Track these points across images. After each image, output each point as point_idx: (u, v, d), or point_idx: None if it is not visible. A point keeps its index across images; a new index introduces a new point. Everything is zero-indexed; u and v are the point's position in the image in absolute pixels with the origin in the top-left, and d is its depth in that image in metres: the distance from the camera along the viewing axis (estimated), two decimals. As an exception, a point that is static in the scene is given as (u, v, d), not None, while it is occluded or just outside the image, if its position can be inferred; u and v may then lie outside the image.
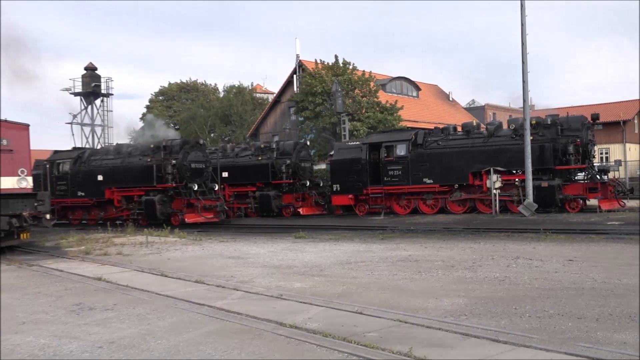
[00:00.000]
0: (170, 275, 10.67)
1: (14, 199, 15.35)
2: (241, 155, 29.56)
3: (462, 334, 6.09)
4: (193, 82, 64.86)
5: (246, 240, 17.06)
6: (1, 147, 15.34)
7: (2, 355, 5.69)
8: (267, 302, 7.97)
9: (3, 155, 15.39)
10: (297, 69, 43.11)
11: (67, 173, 28.13)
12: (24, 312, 7.90)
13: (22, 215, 15.28)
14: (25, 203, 15.47)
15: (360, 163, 25.72)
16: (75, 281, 10.52)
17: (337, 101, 32.71)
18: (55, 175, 28.22)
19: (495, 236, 15.72)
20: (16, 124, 16.00)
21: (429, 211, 24.20)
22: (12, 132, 15.70)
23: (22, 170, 15.70)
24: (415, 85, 49.30)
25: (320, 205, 28.51)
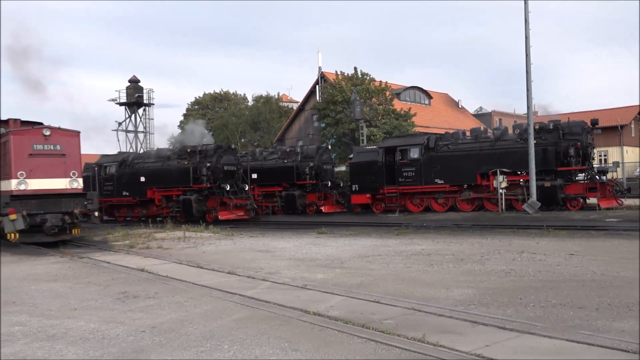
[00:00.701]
0: (205, 267, 10.73)
1: (66, 198, 15.58)
2: (269, 159, 29.64)
3: (471, 321, 6.04)
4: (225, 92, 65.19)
5: (273, 236, 17.09)
6: (56, 151, 15.59)
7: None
8: (292, 292, 7.98)
9: (57, 159, 15.60)
10: (319, 80, 43.13)
11: (114, 175, 28.45)
12: (76, 300, 8.01)
13: (73, 213, 15.50)
14: (77, 202, 15.67)
15: (377, 165, 25.66)
16: (121, 272, 10.63)
17: (356, 109, 32.68)
18: (102, 176, 28.56)
19: (501, 232, 15.56)
20: (68, 131, 16.17)
21: (440, 209, 24.05)
22: (65, 138, 15.89)
23: (74, 173, 15.86)
24: (427, 94, 49.02)
25: (340, 204, 28.46)
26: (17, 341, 5.86)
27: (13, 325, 6.53)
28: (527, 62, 21.36)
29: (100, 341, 5.77)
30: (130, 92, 46.06)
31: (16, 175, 15.05)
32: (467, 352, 4.99)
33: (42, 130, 15.57)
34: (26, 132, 15.73)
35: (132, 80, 46.58)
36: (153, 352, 5.34)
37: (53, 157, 15.53)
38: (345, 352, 5.13)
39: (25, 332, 6.23)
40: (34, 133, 15.57)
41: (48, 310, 7.36)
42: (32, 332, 6.23)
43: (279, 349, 5.29)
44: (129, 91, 46.12)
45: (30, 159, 15.26)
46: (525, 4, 21.23)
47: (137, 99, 45.90)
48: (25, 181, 15.14)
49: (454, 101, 54.42)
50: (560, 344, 5.19)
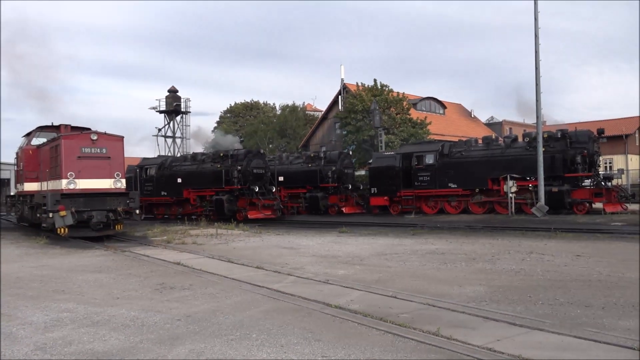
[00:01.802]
0: (236, 261, 10.77)
1: (110, 197, 15.73)
2: (294, 163, 29.69)
3: (483, 317, 5.94)
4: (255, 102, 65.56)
5: (298, 234, 17.08)
6: (102, 154, 15.80)
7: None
8: (315, 286, 7.95)
9: (103, 161, 15.80)
10: (341, 91, 43.10)
11: (153, 176, 28.77)
12: (118, 289, 8.09)
13: (117, 210, 15.64)
14: (120, 200, 15.81)
15: (395, 170, 25.52)
16: (159, 265, 10.71)
17: (375, 117, 32.58)
18: (143, 178, 28.91)
19: (511, 233, 15.32)
20: (113, 136, 16.32)
21: (453, 211, 23.80)
22: (110, 142, 16.04)
23: (118, 174, 16.01)
24: (442, 104, 48.64)
25: (360, 205, 28.37)
26: (65, 326, 5.95)
27: (62, 312, 6.63)
28: (536, 75, 21.05)
29: (139, 328, 5.82)
30: (169, 101, 46.58)
31: (66, 175, 15.30)
32: (479, 346, 4.91)
33: (89, 135, 15.78)
34: (75, 136, 15.98)
35: (171, 90, 47.11)
36: (187, 339, 5.36)
37: (99, 160, 15.73)
38: (364, 343, 5.09)
39: (73, 318, 6.32)
40: (83, 137, 15.80)
41: (93, 298, 7.45)
42: (78, 318, 6.31)
43: (303, 338, 5.27)
44: (168, 100, 46.64)
45: (79, 160, 15.48)
46: (535, 21, 20.94)
47: (175, 107, 46.40)
48: (74, 181, 15.38)
49: (467, 111, 53.89)
50: (568, 340, 5.08)
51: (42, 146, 17.97)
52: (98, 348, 5.13)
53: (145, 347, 5.13)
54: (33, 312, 6.66)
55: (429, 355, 4.73)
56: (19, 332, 5.76)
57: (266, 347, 5.02)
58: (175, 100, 46.60)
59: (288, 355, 4.79)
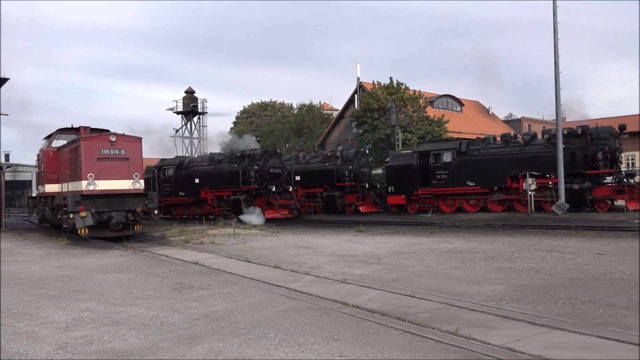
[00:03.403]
0: (253, 261, 10.81)
1: (129, 198, 15.87)
2: (311, 162, 29.72)
3: (503, 316, 5.88)
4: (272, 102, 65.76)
5: (315, 233, 17.09)
6: (120, 156, 15.97)
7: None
8: (333, 285, 7.95)
9: (122, 162, 15.96)
10: (357, 90, 43.01)
11: (171, 177, 29.02)
12: (137, 289, 8.17)
13: (135, 211, 15.77)
14: (138, 201, 15.94)
15: (412, 168, 25.40)
16: (177, 264, 10.80)
17: (392, 116, 32.47)
18: (161, 178, 29.20)
19: (530, 232, 15.14)
20: (131, 137, 16.48)
21: (471, 210, 23.60)
22: (129, 143, 16.18)
23: (136, 175, 16.14)
24: (459, 101, 48.24)
25: (377, 204, 28.30)
26: (85, 325, 6.03)
27: (83, 311, 6.72)
28: (555, 71, 20.76)
29: (159, 327, 5.88)
30: (186, 102, 47.01)
31: (86, 176, 15.49)
32: (499, 346, 4.85)
33: (108, 137, 15.95)
34: (95, 138, 16.17)
35: (188, 91, 47.51)
36: (206, 338, 5.40)
37: (118, 161, 15.90)
38: (383, 343, 5.07)
39: (93, 317, 6.40)
40: (102, 139, 15.98)
41: (113, 298, 7.54)
42: (99, 317, 6.39)
43: (321, 338, 5.27)
44: (185, 101, 47.07)
45: (98, 162, 15.67)
46: (554, 16, 20.64)
47: (192, 108, 46.80)
48: (94, 182, 15.57)
49: (485, 108, 53.36)
50: (590, 340, 4.99)
51: (62, 148, 18.23)
52: (118, 347, 5.19)
53: (165, 347, 5.18)
54: (55, 311, 6.77)
55: (447, 355, 4.70)
56: (41, 331, 5.85)
57: (284, 347, 5.03)
58: (192, 101, 47.01)
59: (306, 355, 4.80)
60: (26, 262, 11.70)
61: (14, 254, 13.22)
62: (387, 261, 10.34)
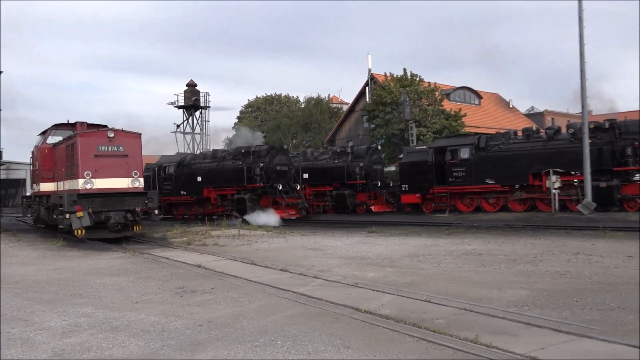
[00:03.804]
0: (259, 263, 10.82)
1: (128, 197, 15.96)
2: (320, 159, 29.72)
3: (525, 323, 5.84)
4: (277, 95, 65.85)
5: (324, 234, 17.10)
6: (119, 152, 16.04)
7: (119, 330, 5.92)
8: (344, 289, 7.94)
9: (120, 159, 16.03)
10: (369, 82, 42.95)
11: (172, 175, 29.14)
12: (137, 293, 8.22)
13: (135, 211, 15.85)
14: (138, 200, 16.02)
15: (427, 165, 25.31)
16: (179, 267, 10.85)
17: (405, 110, 32.37)
18: (162, 176, 29.31)
19: (554, 233, 15.04)
20: (130, 133, 16.54)
21: (491, 209, 23.48)
22: (128, 140, 16.26)
23: (135, 172, 16.21)
24: (477, 94, 48.03)
25: (390, 204, 28.25)
26: (83, 332, 6.07)
27: (80, 317, 6.76)
28: (581, 61, 20.58)
29: (160, 334, 5.90)
30: (187, 96, 47.20)
31: (83, 175, 15.59)
32: (521, 355, 4.82)
33: (106, 133, 16.04)
34: (92, 134, 16.28)
35: (189, 84, 47.67)
36: (209, 345, 5.41)
37: (116, 158, 15.97)
38: (397, 351, 5.05)
39: (91, 323, 6.44)
40: (99, 135, 16.08)
41: (112, 302, 7.58)
42: (97, 323, 6.43)
43: (331, 345, 5.27)
44: (187, 95, 47.25)
45: (96, 159, 15.75)
46: (579, 3, 20.46)
47: (194, 102, 46.95)
48: (91, 180, 15.66)
49: (505, 101, 53.10)
50: (620, 349, 4.95)
51: (58, 145, 18.37)
52: (117, 354, 5.22)
53: (166, 354, 5.20)
54: (50, 316, 6.82)
55: (466, 364, 4.67)
56: (36, 337, 5.89)
57: (292, 354, 5.04)
58: (194, 95, 47.16)
59: (315, 363, 4.79)
60: (20, 264, 11.80)
61: (8, 255, 13.34)
62: (401, 264, 10.32)
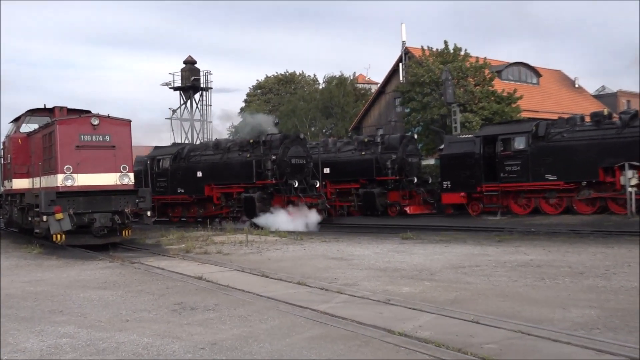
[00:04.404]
0: (272, 276, 10.89)
1: (116, 196, 16.14)
2: (343, 150, 29.74)
3: (596, 349, 5.78)
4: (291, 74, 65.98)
5: (349, 241, 17.12)
6: (105, 143, 16.17)
7: (107, 353, 6.00)
8: (373, 307, 7.95)
9: (106, 151, 16.19)
10: (402, 57, 42.80)
11: (167, 169, 29.39)
12: (128, 310, 8.31)
13: (124, 212, 16.02)
14: (127, 199, 16.18)
15: (474, 158, 25.17)
16: (176, 280, 10.95)
17: (447, 91, 32.17)
18: (155, 171, 29.63)
19: (631, 240, 14.84)
20: (119, 119, 16.68)
21: (552, 211, 23.28)
22: (115, 128, 16.39)
23: (124, 167, 16.37)
24: (535, 71, 47.57)
25: (428, 204, 28.17)
26: (64, 355, 6.16)
27: (61, 337, 6.87)
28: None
29: (154, 358, 5.96)
30: (185, 75, 47.34)
31: (62, 169, 15.77)
32: (591, 388, 4.78)
33: (90, 119, 16.18)
34: (73, 121, 16.46)
35: (187, 61, 47.87)
36: (213, 372, 5.46)
37: (102, 149, 16.13)
38: (439, 382, 5.04)
39: (74, 345, 6.53)
40: (82, 122, 16.24)
41: (97, 321, 7.69)
42: (80, 345, 6.52)
43: (359, 374, 5.28)
44: (184, 74, 47.41)
45: (78, 151, 15.93)
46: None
47: (193, 82, 47.13)
48: (72, 176, 15.84)
49: (569, 79, 52.53)
50: None
51: (33, 134, 18.63)
52: (105, 382, 5.29)
53: (162, 382, 5.25)
54: (26, 337, 6.93)
55: (523, 398, 4.65)
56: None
57: (312, 385, 5.06)
58: (193, 74, 47.34)
59: (340, 395, 4.81)
60: (-9, 275, 12.01)
61: (-24, 265, 13.59)
62: (442, 277, 10.30)
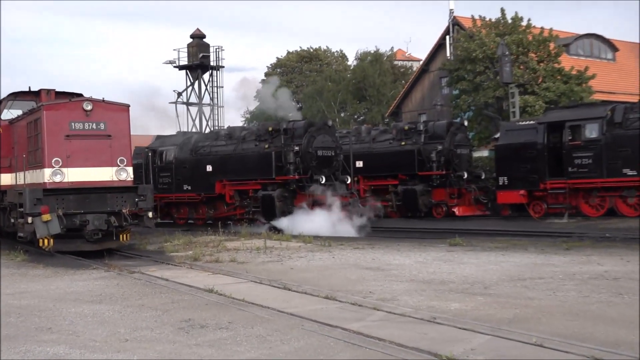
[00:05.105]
0: (295, 288, 10.89)
1: (112, 194, 16.25)
2: (379, 140, 29.66)
3: (685, 379, 5.70)
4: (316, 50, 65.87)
5: (387, 247, 17.06)
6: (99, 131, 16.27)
7: None
8: (416, 327, 7.92)
9: (101, 141, 16.31)
10: (450, 29, 42.57)
11: (171, 163, 29.53)
12: (127, 328, 8.37)
13: (121, 213, 16.11)
14: (125, 198, 16.28)
15: (536, 148, 24.93)
16: (183, 293, 11.01)
17: (504, 69, 31.91)
18: (157, 165, 29.73)
19: None
20: (115, 104, 16.87)
21: (631, 213, 22.98)
22: (111, 114, 16.53)
23: (122, 160, 16.52)
24: (611, 44, 46.97)
25: (481, 204, 28.01)
26: (54, 379, 6.25)
27: (50, 358, 6.96)
28: None
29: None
30: (192, 52, 47.42)
31: (50, 163, 15.95)
32: None
33: (81, 104, 16.32)
34: (62, 106, 16.63)
35: (194, 35, 47.97)
36: (228, 402, 5.49)
37: (96, 139, 16.28)
38: (495, 416, 5.02)
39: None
40: (72, 107, 16.39)
41: (92, 340, 7.76)
42: (72, 368, 6.61)
43: (400, 406, 5.27)
44: (191, 50, 47.51)
45: (68, 141, 16.09)
46: None
47: (201, 60, 47.21)
48: (61, 171, 16.00)
49: (652, 54, 51.73)
50: None
51: (16, 121, 18.87)
52: (101, 412, 5.35)
53: (168, 413, 5.30)
54: (9, 357, 7.03)
55: None
56: (-9, 386, 6.11)
57: (344, 418, 5.07)
58: (202, 51, 47.39)
59: None
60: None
61: (-49, 274, 13.81)
62: (498, 291, 10.24)
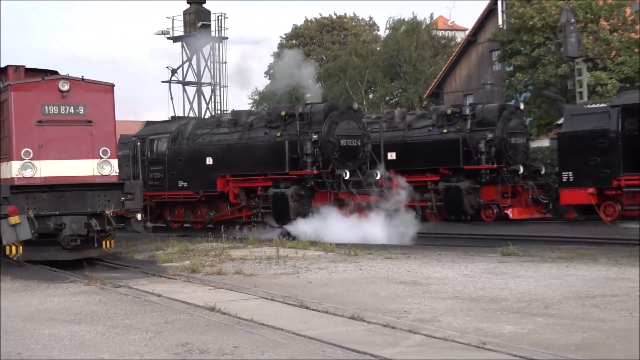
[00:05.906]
0: (313, 307, 10.86)
1: (93, 192, 16.29)
2: (416, 127, 29.58)
3: None
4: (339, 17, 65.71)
5: (425, 257, 17.03)
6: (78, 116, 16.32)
7: None
8: (461, 353, 7.92)
9: (79, 128, 16.37)
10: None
11: (164, 154, 29.44)
12: (111, 354, 8.37)
13: (104, 215, 16.19)
14: (109, 197, 16.33)
15: (608, 137, 24.80)
16: (179, 311, 10.99)
17: (569, 40, 31.70)
18: (147, 157, 29.77)
19: None
20: (96, 83, 16.91)
21: None
22: (92, 95, 16.59)
23: (105, 150, 16.58)
24: (701, 9, 46.54)
25: (541, 205, 27.87)
26: (25, 414, 6.29)
27: (19, 390, 7.02)
28: None
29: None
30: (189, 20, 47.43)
31: (19, 154, 16.02)
32: None
33: (57, 83, 16.36)
34: (34, 85, 16.67)
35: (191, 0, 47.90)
36: None
37: (74, 126, 16.34)
38: None
39: (38, 401, 6.68)
40: (46, 87, 16.45)
41: (70, 368, 7.82)
42: (47, 401, 6.66)
43: None
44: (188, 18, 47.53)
45: (40, 128, 16.17)
46: None
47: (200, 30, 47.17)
48: (32, 163, 16.06)
49: None
50: None
51: (-22, 104, 19.02)
52: None
53: None
54: (-28, 388, 7.11)
55: None
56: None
57: None
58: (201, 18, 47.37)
59: None
60: None
61: None
62: (561, 311, 10.21)
